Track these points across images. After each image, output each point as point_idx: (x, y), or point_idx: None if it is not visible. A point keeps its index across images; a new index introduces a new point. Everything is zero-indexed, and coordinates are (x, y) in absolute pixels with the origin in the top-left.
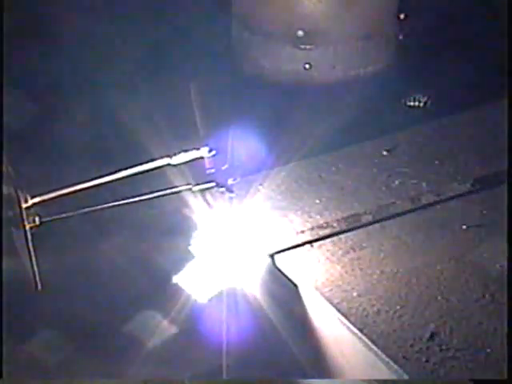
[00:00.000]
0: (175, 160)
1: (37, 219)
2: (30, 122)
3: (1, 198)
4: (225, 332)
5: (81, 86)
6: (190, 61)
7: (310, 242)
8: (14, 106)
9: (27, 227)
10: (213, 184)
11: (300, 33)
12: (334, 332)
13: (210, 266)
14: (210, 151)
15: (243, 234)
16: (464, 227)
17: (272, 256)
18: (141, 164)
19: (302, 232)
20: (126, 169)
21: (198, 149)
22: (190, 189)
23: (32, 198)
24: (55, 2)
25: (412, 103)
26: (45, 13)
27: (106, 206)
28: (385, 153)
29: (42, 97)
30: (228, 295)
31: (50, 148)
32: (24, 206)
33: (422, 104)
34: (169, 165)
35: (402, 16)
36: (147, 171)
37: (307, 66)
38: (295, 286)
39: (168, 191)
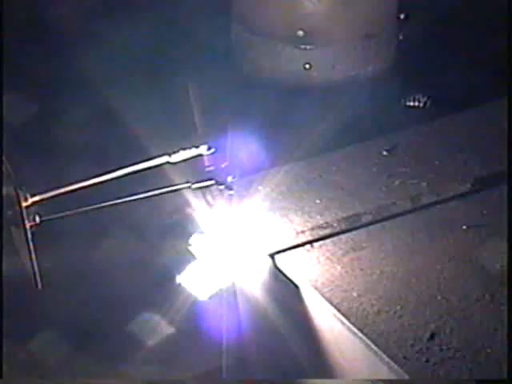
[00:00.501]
0: (174, 158)
1: (37, 218)
2: (29, 121)
3: (1, 197)
4: (225, 332)
5: (81, 85)
6: (190, 60)
7: (310, 242)
8: (14, 106)
9: (27, 226)
10: (212, 182)
11: (300, 33)
12: (334, 332)
13: (210, 266)
14: (209, 149)
15: (243, 234)
16: (464, 227)
17: (272, 256)
18: (140, 162)
19: (302, 232)
20: (125, 167)
21: (197, 147)
22: (189, 187)
23: (32, 196)
24: (55, 2)
25: (412, 103)
26: (45, 13)
27: (105, 204)
28: (385, 153)
29: (42, 97)
30: (228, 295)
31: (49, 147)
32: (24, 204)
33: (421, 104)
34: (168, 163)
35: (401, 16)
36: (146, 169)
37: (307, 65)
38: (295, 286)
39: (167, 189)
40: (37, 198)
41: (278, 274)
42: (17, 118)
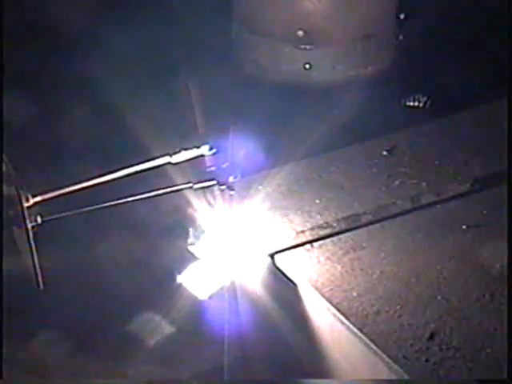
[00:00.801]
0: (175, 158)
1: (38, 218)
2: (30, 121)
3: (1, 198)
4: (225, 332)
5: (81, 85)
6: (191, 60)
7: (310, 242)
8: (14, 106)
9: (29, 226)
10: (214, 182)
11: (300, 33)
12: (334, 332)
13: (211, 266)
14: (211, 149)
15: (243, 234)
16: (464, 227)
17: (272, 256)
18: (141, 163)
19: (302, 232)
20: (127, 168)
21: (198, 147)
22: (190, 187)
23: (33, 197)
24: (55, 2)
25: (412, 103)
26: (45, 13)
27: (106, 204)
28: (385, 153)
29: (42, 97)
30: (228, 295)
31: (50, 148)
32: (26, 205)
33: (421, 104)
34: (169, 163)
35: (401, 16)
36: (147, 170)
37: (307, 65)
38: (295, 285)
39: (169, 189)
40: (38, 199)
41: (277, 273)
42: (17, 118)
